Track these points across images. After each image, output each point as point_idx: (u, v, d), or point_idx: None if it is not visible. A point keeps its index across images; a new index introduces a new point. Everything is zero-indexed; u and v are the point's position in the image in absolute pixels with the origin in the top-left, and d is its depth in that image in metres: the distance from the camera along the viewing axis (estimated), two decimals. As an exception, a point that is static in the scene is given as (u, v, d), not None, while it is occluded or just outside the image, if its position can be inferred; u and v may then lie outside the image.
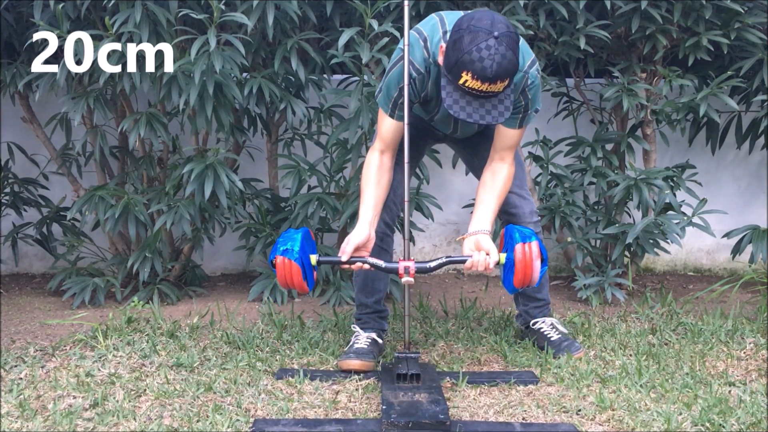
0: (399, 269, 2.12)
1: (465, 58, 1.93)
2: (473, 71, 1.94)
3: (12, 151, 3.41)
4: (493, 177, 2.27)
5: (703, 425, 1.89)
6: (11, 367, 2.30)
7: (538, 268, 2.11)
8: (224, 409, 1.99)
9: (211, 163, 2.88)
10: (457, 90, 2.00)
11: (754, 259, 3.08)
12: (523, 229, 2.16)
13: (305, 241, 2.18)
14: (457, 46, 1.96)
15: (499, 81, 1.96)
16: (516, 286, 2.15)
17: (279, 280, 2.16)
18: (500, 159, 2.28)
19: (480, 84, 1.95)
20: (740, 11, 2.92)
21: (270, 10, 2.76)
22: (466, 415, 1.99)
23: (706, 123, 3.42)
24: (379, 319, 2.49)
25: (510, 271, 2.15)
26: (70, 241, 3.32)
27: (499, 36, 1.93)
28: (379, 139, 2.27)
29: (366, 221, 2.20)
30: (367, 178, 2.25)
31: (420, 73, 2.16)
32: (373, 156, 2.27)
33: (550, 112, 3.49)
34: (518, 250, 2.10)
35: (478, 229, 2.20)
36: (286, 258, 2.11)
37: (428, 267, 2.15)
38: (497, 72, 1.94)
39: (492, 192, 2.26)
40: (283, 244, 2.14)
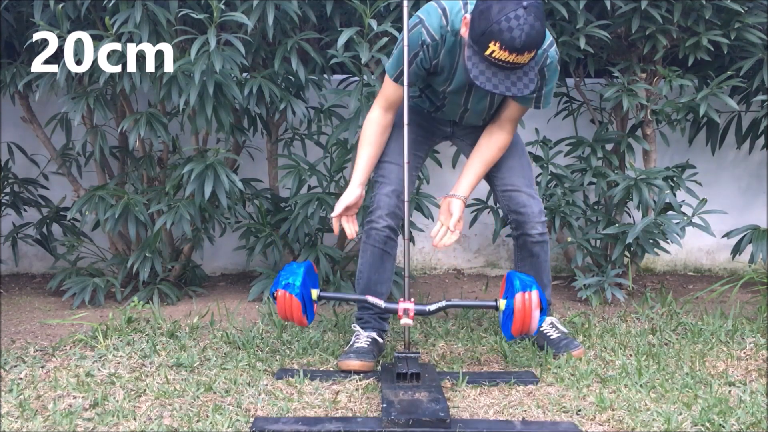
0: (398, 311, 2.15)
1: (494, 27, 1.94)
2: (501, 41, 1.94)
3: (12, 151, 3.41)
4: (488, 141, 2.32)
5: (703, 425, 1.89)
6: (11, 367, 2.30)
7: (537, 318, 2.14)
8: (224, 409, 1.99)
9: (211, 163, 2.88)
10: (483, 61, 2.02)
11: (754, 259, 3.08)
12: (524, 278, 2.19)
13: (307, 276, 2.23)
14: (485, 15, 1.96)
15: (526, 52, 1.97)
16: (514, 334, 2.18)
17: (279, 313, 2.22)
18: (499, 127, 2.31)
19: (507, 54, 1.96)
20: (740, 11, 2.92)
21: (270, 10, 2.76)
22: (466, 414, 1.99)
23: (706, 123, 3.42)
24: (381, 319, 2.48)
25: (509, 319, 2.17)
26: (70, 241, 3.32)
27: (528, 6, 1.94)
28: (383, 97, 2.31)
29: (358, 182, 2.30)
30: (367, 134, 2.31)
31: (434, 40, 2.17)
32: (375, 113, 2.32)
33: (550, 112, 3.49)
34: (518, 299, 2.12)
35: (453, 193, 2.29)
36: (287, 292, 2.17)
37: (427, 310, 2.19)
38: (526, 42, 1.95)
39: (481, 158, 2.32)
40: (285, 278, 2.19)
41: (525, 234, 2.48)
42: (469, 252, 3.77)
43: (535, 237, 2.47)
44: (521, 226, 2.47)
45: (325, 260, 3.12)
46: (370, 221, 2.40)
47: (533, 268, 2.52)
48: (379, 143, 2.33)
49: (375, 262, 2.42)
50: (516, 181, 2.41)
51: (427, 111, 2.45)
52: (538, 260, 2.51)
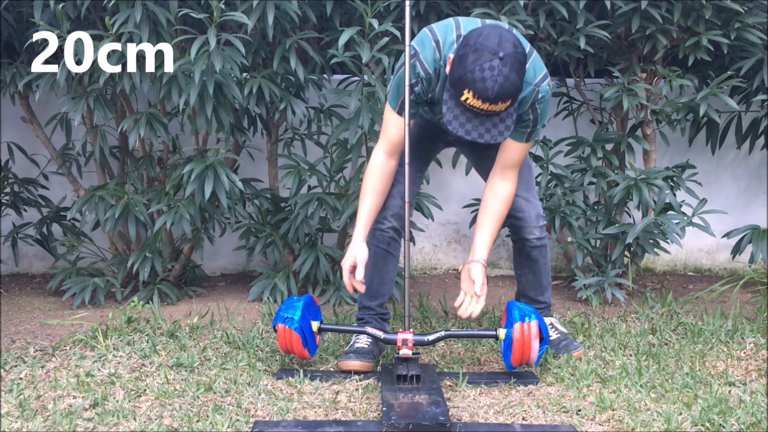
0: (397, 342, 2.15)
1: (468, 76, 1.94)
2: (475, 90, 1.94)
3: (12, 151, 3.41)
4: (494, 197, 2.27)
5: (703, 425, 1.89)
6: (11, 367, 2.30)
7: (537, 348, 2.14)
8: (224, 409, 1.99)
9: (211, 163, 2.88)
10: (458, 106, 2.01)
11: (754, 259, 3.08)
12: (524, 307, 2.19)
13: (307, 309, 2.25)
14: (462, 62, 1.96)
15: (500, 102, 1.96)
16: (513, 364, 2.19)
17: (280, 346, 2.26)
18: (501, 176, 2.26)
19: (481, 103, 1.96)
20: (740, 11, 2.92)
21: (270, 9, 2.75)
22: (466, 415, 1.99)
23: (706, 123, 3.42)
24: (381, 320, 2.48)
25: (509, 349, 2.17)
26: (70, 241, 3.32)
27: (504, 57, 1.92)
28: (386, 139, 2.26)
29: (361, 237, 2.24)
30: (371, 183, 2.26)
31: (428, 74, 2.15)
32: (379, 158, 2.26)
33: (550, 112, 3.49)
34: (516, 329, 2.13)
35: (472, 258, 2.25)
36: (286, 326, 2.20)
37: (426, 340, 2.20)
38: (498, 93, 1.93)
39: (491, 214, 2.26)
40: (284, 312, 2.22)
41: (523, 238, 2.47)
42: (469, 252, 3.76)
43: (533, 242, 2.46)
44: (518, 230, 2.46)
45: (325, 260, 3.12)
46: (376, 222, 2.38)
47: (532, 272, 2.52)
48: (382, 193, 2.28)
49: (378, 263, 2.42)
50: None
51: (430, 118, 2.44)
52: (537, 264, 2.51)
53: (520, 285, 2.57)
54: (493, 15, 2.83)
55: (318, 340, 2.34)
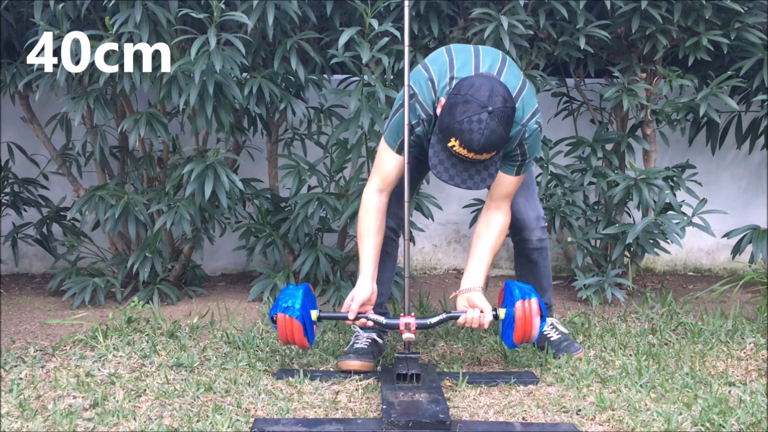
0: (400, 325, 2.15)
1: (455, 126, 1.96)
2: (461, 140, 1.97)
3: (12, 151, 3.41)
4: (488, 228, 2.27)
5: (703, 425, 1.89)
6: (11, 367, 2.30)
7: (538, 325, 2.15)
8: (224, 409, 1.99)
9: (211, 163, 2.88)
10: (444, 150, 2.03)
11: (754, 259, 3.08)
12: (523, 286, 2.20)
13: (306, 297, 2.23)
14: (452, 111, 1.98)
15: (485, 153, 1.99)
16: (515, 342, 2.19)
17: (279, 336, 2.22)
18: (496, 208, 2.27)
19: (467, 152, 1.99)
20: (740, 11, 2.92)
21: (270, 9, 2.76)
22: (466, 415, 1.99)
23: (706, 123, 3.42)
24: (380, 320, 2.48)
25: (509, 327, 2.18)
26: (70, 241, 3.32)
27: (493, 111, 1.95)
28: (379, 176, 2.25)
29: (368, 276, 2.23)
30: (367, 223, 2.24)
31: (429, 115, 2.16)
32: (371, 198, 2.25)
33: (550, 112, 3.49)
34: (518, 307, 2.14)
35: (470, 286, 2.24)
36: (287, 315, 2.17)
37: (428, 323, 2.20)
38: (484, 145, 1.97)
39: (485, 245, 2.26)
40: (284, 302, 2.19)
41: (523, 239, 2.48)
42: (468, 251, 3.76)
43: (534, 243, 2.47)
44: (519, 232, 2.47)
45: (325, 260, 3.12)
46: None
47: (532, 274, 2.52)
48: (381, 229, 2.27)
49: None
50: None
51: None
52: (537, 266, 2.51)
53: None
54: (493, 15, 2.83)
55: (316, 329, 2.32)
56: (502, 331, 2.26)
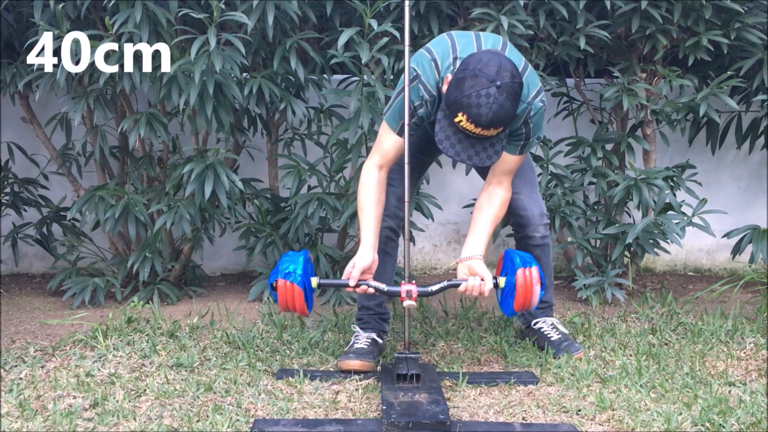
0: (401, 293, 2.14)
1: (463, 101, 1.96)
2: (469, 114, 1.96)
3: (12, 151, 3.41)
4: (489, 201, 2.27)
5: (703, 425, 1.89)
6: (11, 367, 2.30)
7: (538, 293, 2.14)
8: (224, 409, 1.99)
9: (211, 163, 2.88)
10: (451, 126, 2.03)
11: (754, 259, 3.08)
12: (524, 254, 2.19)
13: (306, 264, 2.20)
14: (459, 86, 1.97)
15: (492, 128, 1.98)
16: (516, 310, 2.18)
17: (279, 303, 2.16)
18: (498, 183, 2.27)
19: (474, 127, 1.98)
20: (740, 11, 2.92)
21: (270, 9, 2.76)
22: (466, 415, 1.99)
23: (706, 123, 3.42)
24: (381, 320, 2.49)
25: (510, 295, 2.18)
26: (70, 241, 3.32)
27: (501, 86, 1.94)
28: (380, 153, 2.25)
29: (369, 244, 2.21)
30: (367, 196, 2.24)
31: (432, 96, 2.16)
32: (371, 172, 2.25)
33: (550, 112, 3.49)
34: (519, 275, 2.13)
35: (471, 254, 2.23)
36: (288, 281, 2.13)
37: (430, 291, 2.18)
38: (492, 120, 1.96)
39: (487, 217, 2.26)
40: (285, 267, 2.15)
41: (526, 237, 2.48)
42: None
43: (537, 240, 2.47)
44: (522, 228, 2.47)
45: (325, 260, 3.12)
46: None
47: None
48: (381, 201, 2.26)
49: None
50: (516, 183, 2.40)
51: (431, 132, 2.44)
52: (540, 263, 2.50)
53: None
54: (493, 15, 2.83)
55: (314, 297, 2.29)
56: (502, 299, 2.25)
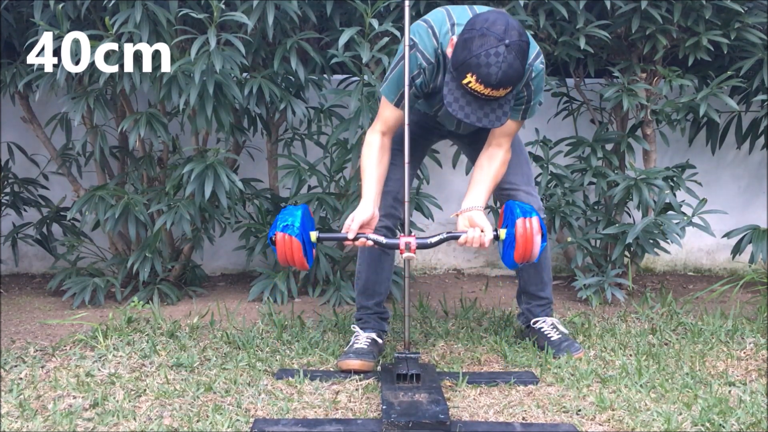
0: (400, 245, 2.12)
1: (472, 60, 1.94)
2: (478, 75, 1.95)
3: (12, 151, 3.41)
4: (490, 161, 2.28)
5: (703, 425, 1.89)
6: (11, 367, 2.30)
7: (539, 243, 2.11)
8: (224, 409, 1.99)
9: (211, 163, 2.88)
10: (459, 89, 2.02)
11: (754, 259, 3.08)
12: (524, 205, 2.17)
13: (305, 218, 2.18)
14: (467, 46, 1.96)
15: (502, 88, 1.97)
16: (516, 261, 2.15)
17: (279, 257, 2.15)
18: (497, 145, 2.28)
19: (483, 88, 1.97)
20: (740, 11, 2.92)
21: (270, 9, 2.76)
22: (466, 415, 1.99)
23: (706, 123, 3.42)
24: (380, 320, 2.49)
25: (510, 247, 2.15)
26: (70, 241, 3.32)
27: (510, 44, 1.93)
28: (381, 121, 2.27)
29: (370, 199, 2.21)
30: (369, 157, 2.26)
31: (430, 63, 2.17)
32: (374, 136, 2.27)
33: (550, 112, 3.49)
34: (519, 224, 2.10)
35: (471, 205, 2.21)
36: (287, 234, 2.10)
37: (429, 243, 2.16)
38: (501, 79, 1.95)
39: (488, 173, 2.27)
40: (283, 221, 2.13)
41: None
42: (469, 252, 3.77)
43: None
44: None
45: (325, 260, 3.12)
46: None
47: (533, 266, 2.52)
48: (383, 163, 2.27)
49: (373, 262, 2.43)
50: (514, 179, 2.41)
51: (424, 112, 2.45)
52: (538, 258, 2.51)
53: (521, 281, 2.58)
54: (493, 15, 2.83)
55: (315, 251, 2.27)
56: (503, 251, 2.23)
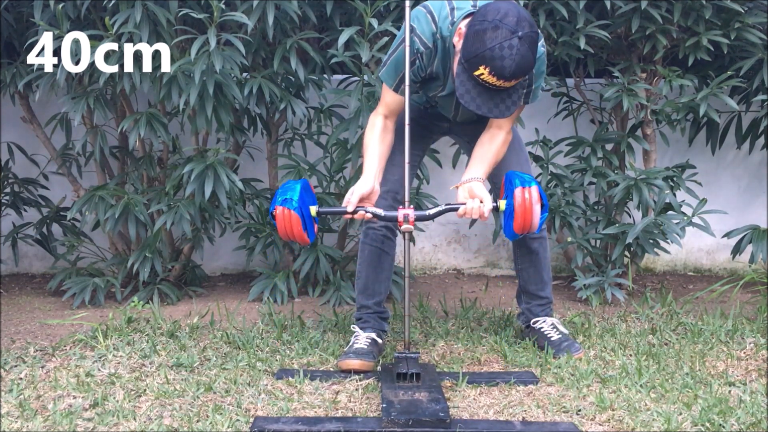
0: (398, 217, 2.12)
1: (486, 53, 1.96)
2: (492, 67, 1.97)
3: (12, 151, 3.41)
4: (491, 139, 2.29)
5: (703, 425, 1.89)
6: (11, 367, 2.30)
7: (538, 213, 2.11)
8: (224, 409, 1.99)
9: (211, 163, 2.88)
10: (470, 80, 2.03)
11: (754, 259, 3.08)
12: (523, 175, 2.16)
13: (304, 192, 2.18)
14: (479, 38, 1.97)
15: (514, 79, 2.00)
16: (516, 232, 2.15)
17: (279, 232, 2.15)
18: (498, 126, 2.30)
19: (495, 80, 1.99)
20: (740, 11, 2.92)
21: (270, 9, 2.76)
22: (466, 415, 1.99)
23: (706, 123, 3.42)
24: (380, 319, 2.49)
25: (510, 217, 2.14)
26: (70, 241, 3.32)
27: (523, 36, 1.95)
28: (383, 105, 2.30)
29: (371, 173, 2.22)
30: (372, 136, 2.28)
31: (427, 48, 2.18)
32: (377, 118, 2.30)
33: (550, 112, 3.49)
34: (518, 194, 2.09)
35: (471, 176, 2.22)
36: (286, 208, 2.10)
37: (427, 215, 2.16)
38: (515, 72, 1.97)
39: (488, 149, 2.28)
40: (282, 195, 2.13)
41: None
42: (469, 252, 3.77)
43: (533, 233, 2.47)
44: None
45: (325, 260, 3.12)
46: (368, 221, 2.41)
47: (533, 265, 2.52)
48: (385, 142, 2.29)
49: (373, 261, 2.43)
50: None
51: (424, 107, 2.45)
52: (538, 257, 2.52)
53: (521, 280, 2.58)
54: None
55: (316, 227, 2.27)
56: (504, 223, 2.22)
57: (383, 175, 2.31)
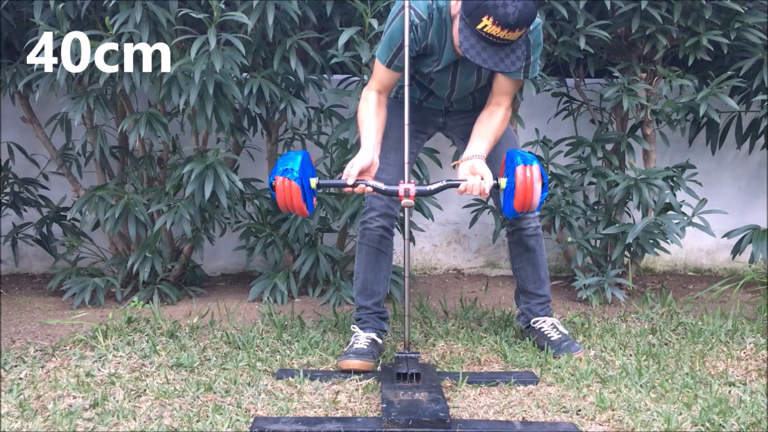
0: (399, 191, 2.12)
1: (489, 3, 1.98)
2: (495, 16, 1.98)
3: (12, 151, 3.41)
4: (490, 116, 2.31)
5: (703, 425, 1.89)
6: (11, 367, 2.30)
7: (539, 191, 2.11)
8: (224, 409, 1.99)
9: (211, 163, 2.88)
10: (474, 35, 2.04)
11: (754, 259, 3.08)
12: (525, 153, 2.16)
13: (305, 164, 2.17)
14: None
15: (517, 29, 2.01)
16: (516, 209, 2.15)
17: (279, 203, 2.14)
18: (497, 103, 2.31)
19: (499, 30, 2.00)
20: (740, 11, 2.92)
21: (270, 9, 2.76)
22: (466, 415, 1.99)
23: (706, 123, 3.42)
24: (379, 319, 2.49)
25: (510, 195, 2.14)
26: (70, 241, 3.32)
27: None
28: (376, 80, 2.31)
29: (369, 146, 2.23)
30: (366, 110, 2.29)
31: (423, 20, 2.19)
32: (370, 93, 2.31)
33: (550, 112, 3.49)
34: (519, 171, 2.09)
35: (473, 153, 2.23)
36: (286, 178, 2.09)
37: (428, 190, 2.16)
38: (518, 19, 1.98)
39: (488, 126, 2.29)
40: (282, 165, 2.12)
41: (519, 228, 2.49)
42: (469, 252, 3.77)
43: (530, 230, 2.49)
44: (516, 221, 2.49)
45: (325, 260, 3.12)
46: (364, 222, 2.42)
47: (530, 263, 2.53)
48: (380, 116, 2.30)
49: (371, 262, 2.44)
50: None
51: (418, 101, 2.45)
52: (535, 254, 2.52)
53: (519, 279, 2.58)
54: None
55: (315, 201, 2.26)
56: (504, 201, 2.22)
57: (379, 175, 2.31)
